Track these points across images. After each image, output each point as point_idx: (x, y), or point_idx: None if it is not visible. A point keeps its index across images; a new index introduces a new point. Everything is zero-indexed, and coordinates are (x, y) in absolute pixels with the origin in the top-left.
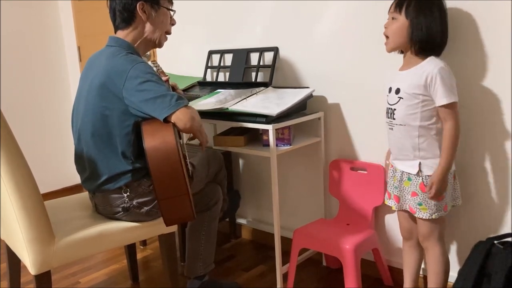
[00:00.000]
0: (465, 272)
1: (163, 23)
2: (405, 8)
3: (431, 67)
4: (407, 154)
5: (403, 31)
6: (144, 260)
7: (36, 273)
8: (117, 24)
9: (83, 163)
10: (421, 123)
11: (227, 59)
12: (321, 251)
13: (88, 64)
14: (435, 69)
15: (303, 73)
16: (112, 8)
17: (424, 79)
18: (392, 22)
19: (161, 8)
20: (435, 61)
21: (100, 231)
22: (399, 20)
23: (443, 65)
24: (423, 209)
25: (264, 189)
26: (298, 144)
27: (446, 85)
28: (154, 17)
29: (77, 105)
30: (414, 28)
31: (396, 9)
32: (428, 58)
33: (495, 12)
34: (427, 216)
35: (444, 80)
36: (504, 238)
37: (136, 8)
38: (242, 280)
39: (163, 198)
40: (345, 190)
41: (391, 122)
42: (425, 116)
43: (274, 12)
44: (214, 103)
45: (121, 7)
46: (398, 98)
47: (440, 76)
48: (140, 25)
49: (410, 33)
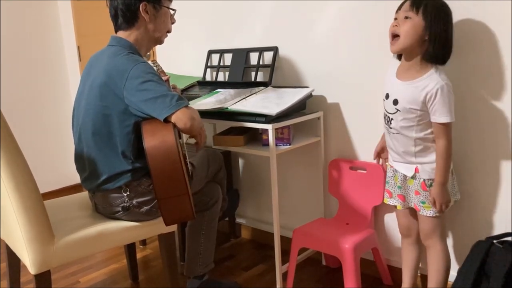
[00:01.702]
0: (465, 271)
1: (164, 23)
2: (423, 8)
3: (433, 84)
4: (404, 158)
5: (417, 31)
6: (144, 260)
7: (36, 272)
8: (119, 24)
9: (83, 162)
10: (417, 134)
11: (227, 58)
12: (320, 250)
13: (89, 63)
14: (437, 86)
15: (303, 73)
16: (113, 8)
17: (424, 95)
18: (405, 21)
19: (163, 8)
20: (437, 76)
21: (100, 230)
22: (414, 20)
23: (445, 82)
24: (427, 207)
25: (263, 189)
26: (297, 144)
27: (445, 104)
28: (156, 17)
29: (77, 104)
30: (432, 30)
31: (411, 8)
32: (430, 71)
33: (495, 12)
34: (432, 214)
35: (444, 99)
36: (503, 237)
37: (139, 9)
38: (242, 280)
39: (163, 197)
40: (344, 190)
41: (388, 129)
42: (421, 129)
43: (274, 12)
44: (214, 103)
45: (124, 8)
46: (395, 109)
47: (441, 94)
48: (143, 25)
49: (426, 35)
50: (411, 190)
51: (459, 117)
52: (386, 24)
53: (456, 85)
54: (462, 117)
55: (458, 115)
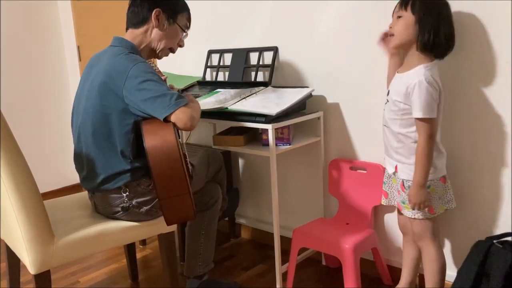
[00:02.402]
0: (464, 272)
1: (171, 38)
2: (410, 4)
3: (413, 77)
4: (390, 153)
5: (409, 27)
6: (144, 260)
7: (35, 272)
8: (129, 18)
9: (82, 161)
10: (400, 129)
11: (227, 58)
12: (320, 250)
13: (89, 63)
14: (415, 80)
15: (303, 73)
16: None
17: (405, 88)
18: (397, 20)
19: (175, 25)
20: (423, 72)
21: (100, 230)
22: (405, 17)
23: (425, 77)
24: (406, 207)
25: (263, 189)
26: (297, 144)
27: (421, 99)
28: (165, 29)
29: (77, 104)
30: (422, 25)
31: (401, 8)
32: (419, 66)
33: (495, 12)
34: (410, 215)
35: (421, 94)
36: (503, 237)
37: (151, 12)
38: (242, 280)
39: (164, 197)
40: (344, 190)
41: (383, 120)
42: (403, 124)
43: (274, 12)
44: (214, 103)
45: (140, 5)
46: (386, 99)
47: (418, 88)
48: (150, 29)
49: (417, 29)
50: (394, 189)
51: (460, 116)
52: (386, 24)
53: (452, 83)
54: (460, 115)
55: (460, 114)
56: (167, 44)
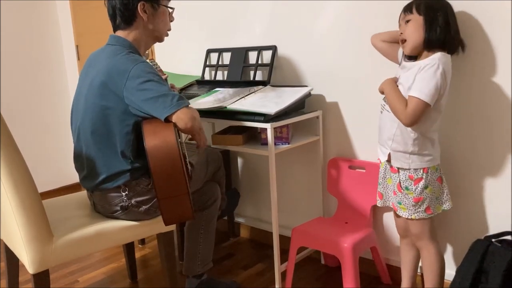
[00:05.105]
0: (463, 270)
1: (163, 22)
2: (415, 7)
3: (428, 60)
4: (385, 141)
5: (420, 27)
6: (143, 259)
7: (34, 272)
8: (117, 24)
9: (82, 161)
10: None
11: (226, 57)
12: (319, 249)
13: (88, 62)
14: (428, 62)
15: (302, 72)
16: (111, 7)
17: (417, 69)
18: (406, 25)
19: (161, 7)
20: (438, 56)
21: (99, 230)
22: (414, 19)
23: (441, 64)
24: (402, 208)
25: (262, 188)
26: (296, 143)
27: (424, 81)
28: (155, 17)
29: (76, 103)
30: (431, 22)
31: (406, 12)
32: (435, 54)
33: (495, 12)
34: (407, 216)
35: (427, 76)
36: (502, 236)
37: (137, 9)
38: (241, 279)
39: (163, 197)
40: (343, 189)
41: (383, 106)
42: None
43: (273, 11)
44: (213, 102)
45: (122, 7)
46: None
47: (431, 69)
48: (141, 25)
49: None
50: (390, 189)
51: (459, 116)
52: (386, 24)
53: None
54: (459, 114)
55: (459, 113)
56: (163, 28)
